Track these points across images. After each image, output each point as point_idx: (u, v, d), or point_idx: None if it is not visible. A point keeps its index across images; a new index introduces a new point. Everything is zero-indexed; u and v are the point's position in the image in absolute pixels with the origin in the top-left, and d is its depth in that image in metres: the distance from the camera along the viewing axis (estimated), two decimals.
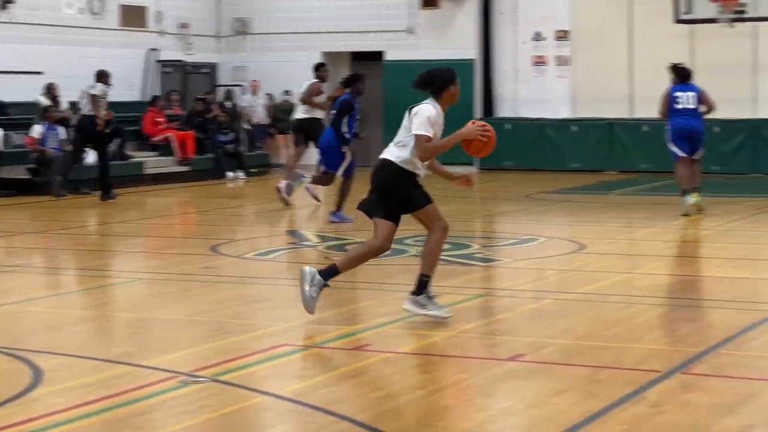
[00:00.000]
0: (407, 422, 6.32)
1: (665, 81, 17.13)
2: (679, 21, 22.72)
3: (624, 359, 7.86)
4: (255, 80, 27.34)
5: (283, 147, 27.34)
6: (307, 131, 17.84)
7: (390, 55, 26.56)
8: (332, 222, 15.60)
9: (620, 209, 18.00)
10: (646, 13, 24.72)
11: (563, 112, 25.77)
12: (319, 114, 17.91)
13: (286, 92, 27.14)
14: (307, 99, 17.82)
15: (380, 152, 8.99)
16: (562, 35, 25.77)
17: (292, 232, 15.28)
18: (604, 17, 25.30)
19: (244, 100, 27.33)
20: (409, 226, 9.57)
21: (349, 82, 15.92)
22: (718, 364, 7.61)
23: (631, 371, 7.45)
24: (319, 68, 18.44)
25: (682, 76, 16.69)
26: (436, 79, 8.83)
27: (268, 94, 27.32)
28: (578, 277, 11.41)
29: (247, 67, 27.99)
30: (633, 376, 7.29)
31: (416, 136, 8.64)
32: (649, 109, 19.31)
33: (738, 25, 22.22)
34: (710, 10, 22.13)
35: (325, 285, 8.85)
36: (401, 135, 8.79)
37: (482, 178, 23.78)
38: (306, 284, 8.79)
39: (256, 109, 27.13)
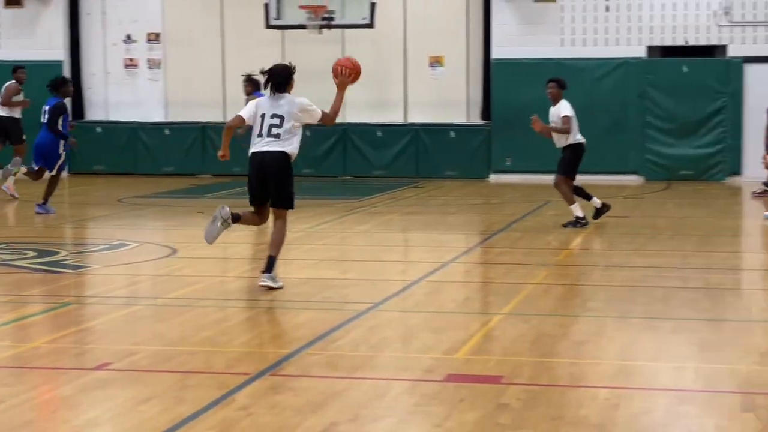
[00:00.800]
0: None
1: None
2: (270, 26, 23.03)
3: (214, 363, 7.82)
4: None
5: None
6: (6, 130, 19.99)
7: None
8: (38, 213, 16.76)
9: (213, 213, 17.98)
10: (237, 18, 24.92)
11: (156, 116, 25.56)
12: (17, 114, 20.13)
13: None
14: (6, 100, 20.00)
15: None
16: (154, 38, 25.55)
17: None
18: (196, 21, 25.29)
19: None
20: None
21: (57, 86, 17.08)
22: (305, 365, 7.71)
23: (221, 375, 7.42)
24: (16, 70, 20.41)
25: (258, 85, 18.17)
26: (286, 75, 10.96)
27: None
28: (170, 282, 11.29)
29: None
30: (223, 379, 7.27)
31: (321, 111, 10.77)
32: None
33: (326, 31, 22.78)
34: (300, 17, 22.56)
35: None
36: (285, 127, 10.48)
37: (72, 183, 23.21)
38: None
39: None
